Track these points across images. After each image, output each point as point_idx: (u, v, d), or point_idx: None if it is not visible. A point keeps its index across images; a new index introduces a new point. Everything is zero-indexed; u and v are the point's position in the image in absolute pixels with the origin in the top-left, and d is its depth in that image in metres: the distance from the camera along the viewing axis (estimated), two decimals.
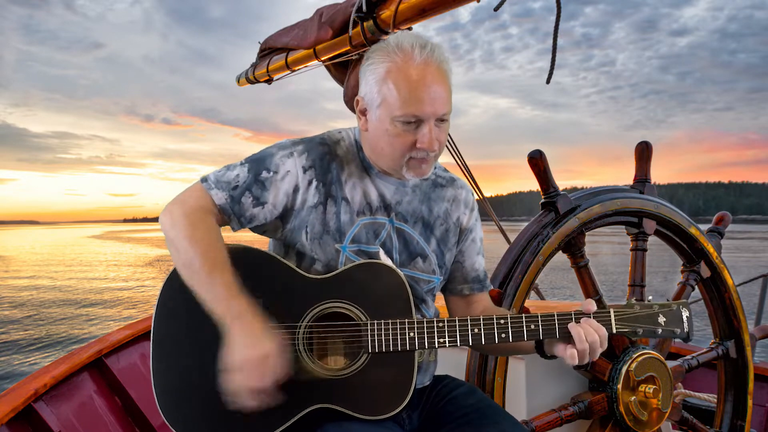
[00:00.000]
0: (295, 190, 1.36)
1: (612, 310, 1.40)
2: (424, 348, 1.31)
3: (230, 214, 1.34)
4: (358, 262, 1.36)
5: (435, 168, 1.55)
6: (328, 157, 1.40)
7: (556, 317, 1.34)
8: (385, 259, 1.40)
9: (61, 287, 21.80)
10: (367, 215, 1.41)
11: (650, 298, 2.20)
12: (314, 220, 1.36)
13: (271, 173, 1.35)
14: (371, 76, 1.34)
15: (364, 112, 1.38)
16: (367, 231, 1.40)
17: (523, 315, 1.34)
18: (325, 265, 1.37)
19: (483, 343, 1.31)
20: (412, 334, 1.30)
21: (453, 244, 1.54)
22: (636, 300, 1.45)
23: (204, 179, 1.36)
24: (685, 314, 1.48)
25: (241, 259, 1.32)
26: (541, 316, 1.34)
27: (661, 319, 1.44)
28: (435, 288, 1.52)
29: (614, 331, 1.38)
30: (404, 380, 1.32)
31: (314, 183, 1.37)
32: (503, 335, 1.32)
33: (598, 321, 1.37)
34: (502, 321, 1.32)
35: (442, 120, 1.34)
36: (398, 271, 1.36)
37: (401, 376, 1.32)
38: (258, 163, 1.37)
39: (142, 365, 3.02)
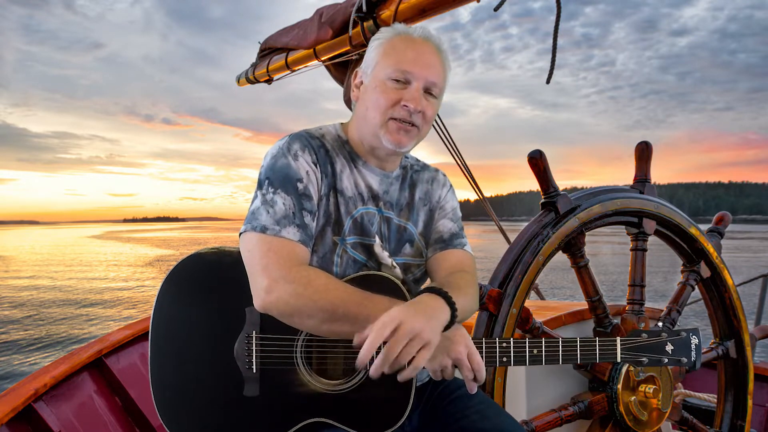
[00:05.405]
0: (317, 186, 1.35)
1: (618, 339, 1.40)
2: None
3: (307, 240, 1.30)
4: (354, 275, 1.34)
5: (408, 158, 1.57)
6: (323, 150, 1.39)
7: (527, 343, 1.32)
8: (381, 251, 1.39)
9: (61, 287, 21.81)
10: (360, 206, 1.41)
11: (659, 324, 2.16)
12: (319, 213, 1.36)
13: (304, 181, 1.32)
14: (372, 51, 1.40)
15: (359, 85, 1.44)
16: (362, 221, 1.39)
17: (527, 340, 1.32)
18: (320, 258, 1.34)
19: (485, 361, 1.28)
20: None
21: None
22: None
23: (262, 228, 1.25)
24: (694, 342, 1.46)
25: (237, 270, 1.29)
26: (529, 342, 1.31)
27: (669, 348, 1.44)
28: (419, 276, 1.51)
29: (618, 360, 1.40)
30: (401, 397, 1.29)
31: (321, 176, 1.36)
32: (504, 359, 1.29)
33: (603, 348, 1.37)
34: (504, 344, 1.29)
35: (431, 93, 1.37)
36: (396, 281, 1.33)
37: (399, 394, 1.28)
38: (287, 180, 1.31)
39: (141, 365, 3.02)
